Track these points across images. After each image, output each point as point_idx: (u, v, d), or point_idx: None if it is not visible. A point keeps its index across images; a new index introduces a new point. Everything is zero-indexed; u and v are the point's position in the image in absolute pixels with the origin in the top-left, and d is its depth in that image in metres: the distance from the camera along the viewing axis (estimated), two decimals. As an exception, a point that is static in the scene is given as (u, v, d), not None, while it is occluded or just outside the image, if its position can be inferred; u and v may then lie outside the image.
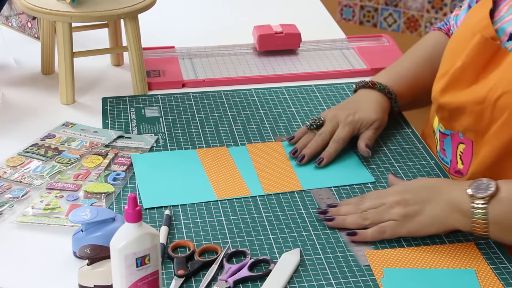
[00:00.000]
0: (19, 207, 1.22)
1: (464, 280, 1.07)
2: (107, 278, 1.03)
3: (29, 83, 1.64)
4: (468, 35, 1.29)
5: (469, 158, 1.30)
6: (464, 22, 1.36)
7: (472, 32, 1.29)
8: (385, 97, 1.43)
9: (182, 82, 1.62)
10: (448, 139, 1.34)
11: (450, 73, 1.29)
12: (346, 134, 1.36)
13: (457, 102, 1.27)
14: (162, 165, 1.34)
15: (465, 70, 1.27)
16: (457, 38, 1.34)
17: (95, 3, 1.50)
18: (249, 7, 2.07)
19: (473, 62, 1.26)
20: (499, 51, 1.24)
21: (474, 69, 1.26)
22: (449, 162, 1.35)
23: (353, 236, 1.15)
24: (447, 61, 1.33)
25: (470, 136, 1.29)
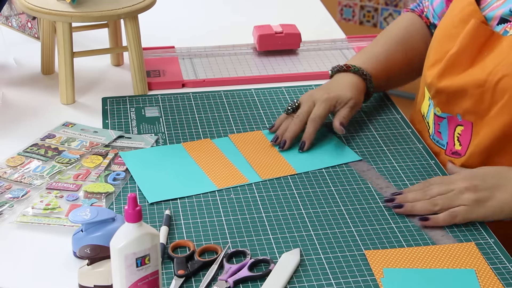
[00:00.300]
0: (19, 207, 1.22)
1: (464, 280, 1.07)
2: (107, 278, 1.03)
3: (29, 83, 1.64)
4: (456, 22, 1.35)
5: (467, 139, 1.33)
6: (450, 10, 1.39)
7: (460, 18, 1.34)
8: (360, 78, 1.45)
9: (182, 82, 1.62)
10: (445, 122, 1.37)
11: (446, 59, 1.33)
12: (322, 111, 1.38)
13: (456, 86, 1.31)
14: (154, 160, 1.34)
15: (461, 54, 1.32)
16: (444, 25, 1.38)
17: (95, 3, 1.50)
18: (249, 7, 2.07)
19: (468, 47, 1.31)
20: (492, 35, 1.30)
21: (469, 54, 1.31)
22: (445, 144, 1.38)
23: (425, 221, 1.18)
24: (438, 48, 1.37)
25: (470, 118, 1.32)
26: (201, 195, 1.26)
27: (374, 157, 1.37)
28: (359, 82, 1.45)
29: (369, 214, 1.22)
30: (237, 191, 1.27)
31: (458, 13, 1.36)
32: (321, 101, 1.39)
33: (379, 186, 1.28)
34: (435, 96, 1.37)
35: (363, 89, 1.46)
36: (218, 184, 1.28)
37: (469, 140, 1.33)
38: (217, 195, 1.26)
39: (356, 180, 1.30)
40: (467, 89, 1.30)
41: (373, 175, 1.31)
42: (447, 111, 1.36)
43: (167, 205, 1.23)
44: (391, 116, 1.50)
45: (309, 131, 1.37)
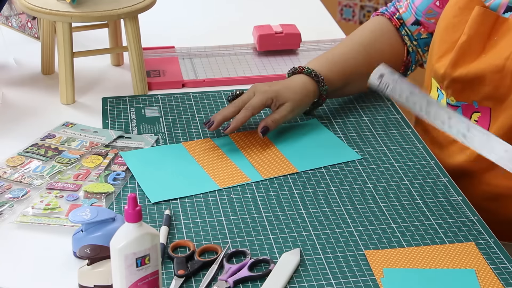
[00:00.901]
0: (19, 207, 1.22)
1: (464, 280, 1.07)
2: (107, 278, 1.03)
3: (29, 83, 1.64)
4: (456, 11, 1.38)
5: (486, 125, 1.36)
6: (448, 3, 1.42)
7: (458, 7, 1.37)
8: (311, 80, 1.44)
9: (182, 82, 1.62)
10: (459, 110, 1.39)
11: (458, 47, 1.35)
12: (257, 103, 1.38)
13: (473, 73, 1.34)
14: (155, 160, 1.34)
15: (471, 42, 1.34)
16: (446, 16, 1.40)
17: (95, 3, 1.50)
18: (249, 7, 2.06)
19: (477, 33, 1.34)
20: (498, 20, 1.33)
21: (479, 40, 1.34)
22: None
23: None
24: (443, 39, 1.39)
25: (488, 104, 1.35)
26: (201, 195, 1.26)
27: (374, 157, 1.37)
28: (309, 84, 1.43)
29: (369, 214, 1.22)
30: (237, 191, 1.27)
31: (456, 2, 1.38)
32: (260, 92, 1.39)
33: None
34: (449, 86, 1.38)
35: (313, 92, 1.44)
36: (220, 183, 1.28)
37: (487, 125, 1.36)
38: (217, 195, 1.26)
39: (356, 180, 1.30)
40: (485, 75, 1.32)
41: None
42: (462, 99, 1.38)
43: (167, 205, 1.23)
44: (391, 116, 1.50)
45: (239, 117, 1.37)
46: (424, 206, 1.24)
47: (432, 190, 1.28)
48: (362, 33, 1.55)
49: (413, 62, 1.57)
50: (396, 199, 1.26)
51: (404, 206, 1.24)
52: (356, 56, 1.51)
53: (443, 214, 1.22)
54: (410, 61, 1.57)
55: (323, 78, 1.45)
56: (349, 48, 1.52)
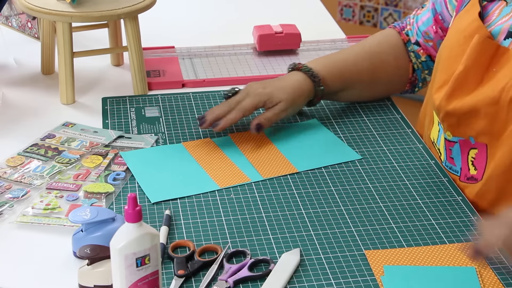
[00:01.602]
0: (19, 207, 1.22)
1: (465, 277, 1.07)
2: (107, 278, 1.03)
3: (29, 83, 1.64)
4: (461, 40, 1.29)
5: (483, 162, 1.27)
6: (453, 29, 1.35)
7: (464, 36, 1.28)
8: (308, 79, 1.43)
9: (182, 82, 1.62)
10: (457, 146, 1.31)
11: (454, 78, 1.27)
12: (249, 105, 1.38)
13: (468, 106, 1.25)
14: (155, 160, 1.34)
15: (468, 73, 1.26)
16: (450, 45, 1.33)
17: (95, 3, 1.50)
18: (249, 7, 2.06)
19: (475, 64, 1.25)
20: (499, 50, 1.24)
21: (477, 71, 1.25)
22: (459, 170, 1.31)
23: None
24: (445, 69, 1.32)
25: (484, 139, 1.26)
26: (201, 195, 1.26)
27: (374, 157, 1.37)
28: (304, 83, 1.43)
29: (369, 214, 1.22)
30: (237, 191, 1.27)
31: (463, 31, 1.30)
32: (253, 95, 1.39)
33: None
34: (444, 120, 1.31)
35: (308, 91, 1.43)
36: (220, 183, 1.28)
37: (484, 163, 1.27)
38: (217, 195, 1.26)
39: (356, 180, 1.30)
40: (480, 109, 1.23)
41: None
42: (458, 134, 1.30)
43: (167, 205, 1.23)
44: (391, 116, 1.50)
45: (229, 117, 1.37)
46: (424, 206, 1.24)
47: (432, 190, 1.28)
48: (370, 42, 1.53)
49: (419, 79, 1.53)
50: (396, 199, 1.26)
51: (404, 206, 1.24)
52: (359, 63, 1.49)
53: (443, 214, 1.22)
54: (416, 78, 1.53)
55: (319, 78, 1.44)
56: (353, 54, 1.50)
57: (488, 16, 1.29)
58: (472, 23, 1.28)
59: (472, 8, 1.31)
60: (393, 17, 3.61)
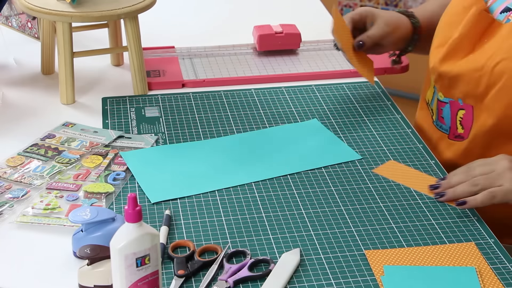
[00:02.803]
0: (19, 207, 1.22)
1: (465, 277, 1.07)
2: (107, 278, 1.03)
3: (29, 83, 1.64)
4: (460, 9, 1.39)
5: (469, 122, 1.38)
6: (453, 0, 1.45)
7: (463, 6, 1.38)
8: (400, 13, 1.53)
9: (182, 82, 1.62)
10: (447, 107, 1.41)
11: (448, 44, 1.38)
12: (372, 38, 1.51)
13: (456, 71, 1.36)
14: (155, 160, 1.35)
15: (462, 40, 1.37)
16: (450, 12, 1.43)
17: (95, 3, 1.50)
18: (249, 7, 2.06)
19: (469, 33, 1.36)
20: (493, 23, 1.34)
21: (470, 40, 1.36)
22: (448, 128, 1.42)
23: (463, 205, 1.20)
24: (442, 33, 1.42)
25: (470, 101, 1.36)
26: (201, 195, 1.26)
27: (374, 157, 1.37)
28: (399, 14, 1.52)
29: (369, 214, 1.22)
30: (237, 191, 1.27)
31: (461, 1, 1.40)
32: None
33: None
34: (437, 80, 1.42)
35: (405, 20, 1.51)
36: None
37: (471, 123, 1.37)
38: (217, 195, 1.26)
39: (356, 180, 1.30)
40: (465, 74, 1.35)
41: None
42: (449, 95, 1.41)
43: (167, 205, 1.23)
44: (391, 116, 1.50)
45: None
46: (424, 206, 1.24)
47: (432, 190, 1.28)
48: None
49: None
50: (396, 199, 1.26)
51: (404, 206, 1.24)
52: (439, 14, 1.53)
53: (443, 214, 1.22)
54: None
55: (412, 12, 1.52)
56: (437, 6, 1.56)
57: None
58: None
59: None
60: (393, 17, 3.61)
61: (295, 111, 1.52)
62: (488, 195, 1.19)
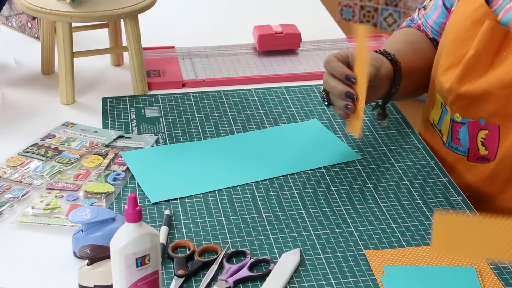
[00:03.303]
0: (19, 207, 1.22)
1: (465, 277, 1.07)
2: (107, 278, 1.03)
3: (29, 83, 1.64)
4: (467, 25, 1.33)
5: (495, 143, 1.31)
6: (458, 13, 1.37)
7: (471, 21, 1.32)
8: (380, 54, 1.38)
9: (182, 82, 1.63)
10: (465, 128, 1.35)
11: (465, 62, 1.31)
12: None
13: (480, 89, 1.29)
14: (155, 160, 1.35)
15: (479, 57, 1.30)
16: (455, 29, 1.36)
17: (95, 3, 1.50)
18: (249, 7, 2.07)
19: (485, 48, 1.29)
20: (508, 35, 1.28)
21: (488, 55, 1.29)
22: (467, 150, 1.35)
23: None
24: (451, 52, 1.35)
25: (496, 121, 1.30)
26: (201, 195, 1.26)
27: (374, 157, 1.37)
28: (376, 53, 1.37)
29: (369, 214, 1.22)
30: (237, 191, 1.27)
31: (468, 16, 1.33)
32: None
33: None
34: (454, 102, 1.34)
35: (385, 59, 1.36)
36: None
37: (497, 144, 1.31)
38: (217, 195, 1.26)
39: (356, 180, 1.30)
40: (492, 91, 1.28)
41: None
42: (468, 116, 1.33)
43: (167, 205, 1.23)
44: (391, 116, 1.50)
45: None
46: (424, 206, 1.24)
47: (432, 190, 1.28)
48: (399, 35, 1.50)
49: None
50: (396, 199, 1.26)
51: (404, 206, 1.24)
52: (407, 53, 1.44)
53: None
54: None
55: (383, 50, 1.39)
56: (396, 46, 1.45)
57: (494, 1, 1.32)
58: (479, 8, 1.32)
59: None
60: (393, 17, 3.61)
61: (295, 111, 1.52)
62: None
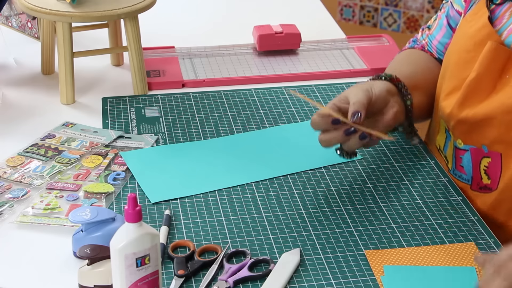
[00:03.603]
0: (19, 207, 1.22)
1: (465, 277, 1.07)
2: (107, 278, 1.03)
3: (29, 83, 1.64)
4: (470, 46, 1.26)
5: (497, 172, 1.24)
6: (461, 33, 1.31)
7: (474, 42, 1.25)
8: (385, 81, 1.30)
9: (182, 82, 1.63)
10: (468, 155, 1.28)
11: (466, 85, 1.24)
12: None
13: (481, 114, 1.22)
14: (155, 160, 1.35)
15: (481, 80, 1.23)
16: (457, 50, 1.29)
17: (95, 3, 1.50)
18: (249, 7, 2.07)
19: (487, 71, 1.22)
20: (511, 57, 1.21)
21: (490, 78, 1.22)
22: (470, 179, 1.29)
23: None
24: (454, 75, 1.28)
25: (498, 148, 1.23)
26: (201, 195, 1.26)
27: (374, 157, 1.37)
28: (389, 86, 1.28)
29: (369, 214, 1.22)
30: (237, 191, 1.27)
31: (471, 37, 1.26)
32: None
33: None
34: (456, 127, 1.28)
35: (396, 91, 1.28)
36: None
37: (499, 172, 1.24)
38: (217, 195, 1.26)
39: (356, 180, 1.30)
40: (494, 117, 1.21)
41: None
42: (470, 142, 1.27)
43: (167, 205, 1.23)
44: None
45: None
46: (424, 206, 1.24)
47: (432, 190, 1.28)
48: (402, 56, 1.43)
49: None
50: (396, 199, 1.26)
51: (404, 206, 1.24)
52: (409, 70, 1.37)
53: (443, 214, 1.22)
54: None
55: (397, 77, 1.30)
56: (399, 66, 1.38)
57: (498, 20, 1.26)
58: (482, 28, 1.25)
59: (480, 11, 1.27)
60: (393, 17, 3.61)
61: (295, 111, 1.52)
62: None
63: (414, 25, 3.59)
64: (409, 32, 3.61)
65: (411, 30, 3.60)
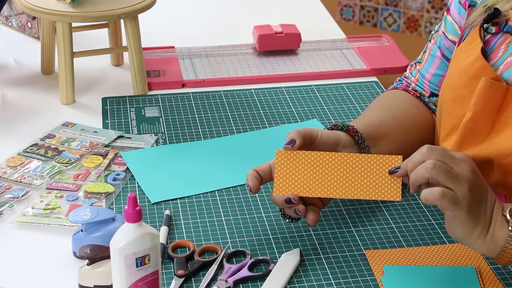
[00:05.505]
0: (19, 207, 1.23)
1: (465, 277, 1.07)
2: (107, 278, 1.03)
3: (29, 83, 1.64)
4: (465, 81, 1.17)
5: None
6: (455, 65, 1.21)
7: (468, 76, 1.16)
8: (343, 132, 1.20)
9: (182, 82, 1.63)
10: None
11: (463, 127, 1.16)
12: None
13: (481, 157, 1.14)
14: (155, 160, 1.35)
15: (478, 120, 1.14)
16: (453, 86, 1.20)
17: (95, 3, 1.50)
18: (249, 7, 2.07)
19: (484, 110, 1.13)
20: (508, 93, 1.12)
21: (487, 117, 1.14)
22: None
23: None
24: (451, 113, 1.20)
25: (501, 190, 1.16)
26: (201, 195, 1.26)
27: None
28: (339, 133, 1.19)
29: (369, 214, 1.22)
30: (237, 191, 1.27)
31: (465, 70, 1.17)
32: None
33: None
34: None
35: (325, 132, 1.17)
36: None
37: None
38: (217, 195, 1.26)
39: (356, 180, 1.30)
40: (493, 160, 1.13)
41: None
42: None
43: (167, 205, 1.23)
44: (391, 116, 1.50)
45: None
46: (424, 206, 1.24)
47: (432, 190, 1.28)
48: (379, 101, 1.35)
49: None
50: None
51: (404, 206, 1.24)
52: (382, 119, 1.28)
53: (443, 214, 1.21)
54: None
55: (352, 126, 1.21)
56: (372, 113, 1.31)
57: (493, 52, 1.17)
58: (476, 61, 1.16)
59: (474, 41, 1.18)
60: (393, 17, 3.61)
61: (295, 111, 1.52)
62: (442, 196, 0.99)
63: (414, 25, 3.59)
64: (409, 32, 3.61)
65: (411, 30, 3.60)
